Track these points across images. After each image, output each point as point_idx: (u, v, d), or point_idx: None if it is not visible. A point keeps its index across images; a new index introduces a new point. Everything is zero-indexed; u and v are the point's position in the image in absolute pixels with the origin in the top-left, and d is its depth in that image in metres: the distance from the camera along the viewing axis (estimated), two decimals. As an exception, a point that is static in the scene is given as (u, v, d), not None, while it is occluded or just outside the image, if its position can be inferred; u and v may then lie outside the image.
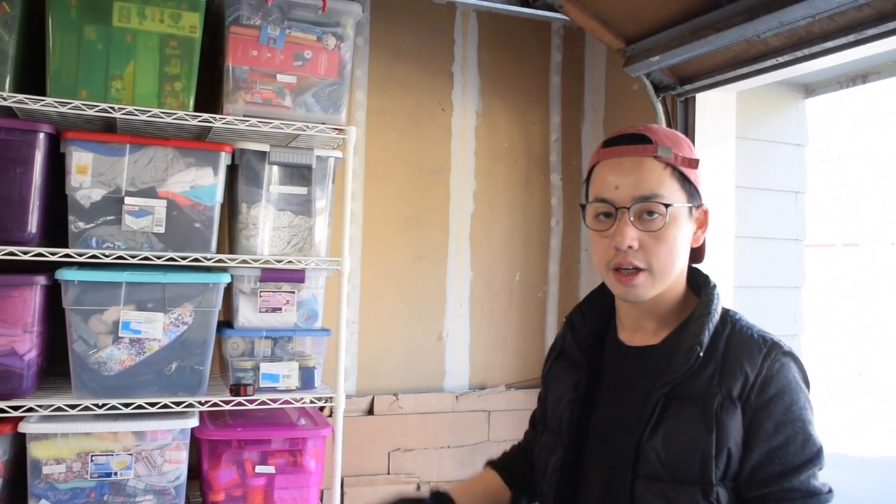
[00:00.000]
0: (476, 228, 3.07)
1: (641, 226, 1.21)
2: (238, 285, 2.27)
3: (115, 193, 2.07)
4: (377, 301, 2.91)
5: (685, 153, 1.25)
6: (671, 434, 1.18)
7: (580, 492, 1.28)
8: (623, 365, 1.31)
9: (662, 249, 1.22)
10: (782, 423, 1.16)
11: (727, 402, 1.17)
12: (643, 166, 1.23)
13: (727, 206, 2.75)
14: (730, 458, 1.15)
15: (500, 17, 3.11)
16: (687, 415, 1.18)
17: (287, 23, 2.18)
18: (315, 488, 2.27)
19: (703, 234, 1.30)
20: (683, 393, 1.20)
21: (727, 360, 1.20)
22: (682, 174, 1.24)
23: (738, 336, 1.23)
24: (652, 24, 2.41)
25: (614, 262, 1.24)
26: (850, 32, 1.95)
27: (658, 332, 1.29)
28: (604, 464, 1.26)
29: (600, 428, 1.28)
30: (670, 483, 1.16)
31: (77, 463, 2.01)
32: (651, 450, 1.18)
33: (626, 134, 1.27)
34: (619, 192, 1.23)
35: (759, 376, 1.18)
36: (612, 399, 1.29)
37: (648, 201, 1.21)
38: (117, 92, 2.06)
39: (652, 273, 1.22)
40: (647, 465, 1.18)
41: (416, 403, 2.90)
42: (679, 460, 1.16)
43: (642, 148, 1.23)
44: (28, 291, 1.98)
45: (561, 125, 3.21)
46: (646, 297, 1.24)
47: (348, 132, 2.28)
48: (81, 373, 2.04)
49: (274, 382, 2.27)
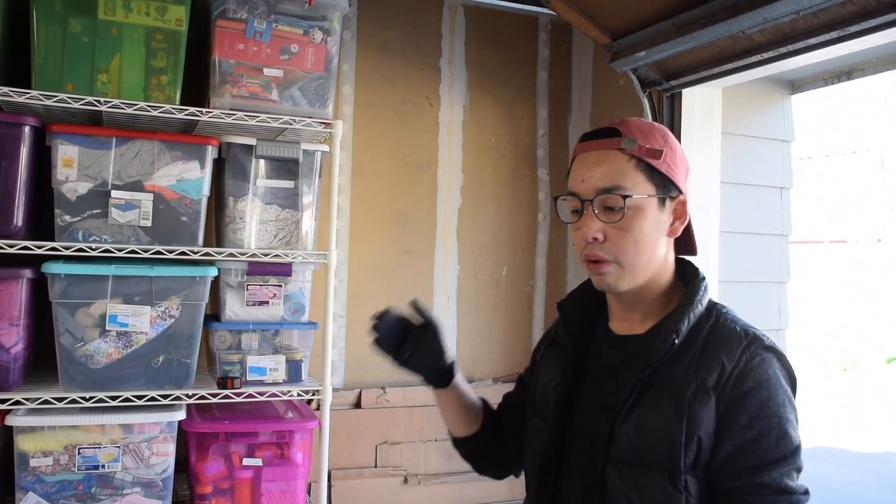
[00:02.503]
0: (463, 223, 3.08)
1: (606, 218, 1.23)
2: (225, 279, 2.27)
3: (102, 187, 2.07)
4: (364, 295, 2.92)
5: (654, 144, 1.25)
6: (643, 419, 1.20)
7: (562, 476, 1.30)
8: (609, 353, 1.33)
9: (627, 240, 1.23)
10: (757, 417, 1.16)
11: (701, 391, 1.17)
12: (607, 159, 1.24)
13: (713, 201, 2.77)
14: (700, 446, 1.16)
15: (487, 11, 3.11)
16: (660, 401, 1.19)
17: (273, 16, 2.18)
18: (302, 481, 2.28)
19: (681, 224, 1.29)
20: (660, 380, 1.21)
21: (706, 350, 1.21)
22: (648, 165, 1.24)
23: (720, 328, 1.24)
24: (638, 20, 2.43)
25: (584, 254, 1.27)
26: (834, 29, 1.97)
27: (644, 321, 1.31)
28: (584, 449, 1.27)
29: (583, 414, 1.30)
30: (640, 468, 1.18)
31: (64, 456, 2.01)
32: (623, 434, 1.20)
33: (600, 128, 1.29)
34: (584, 185, 1.25)
35: (736, 368, 1.18)
36: (596, 386, 1.31)
37: (609, 193, 1.23)
38: (103, 85, 2.06)
39: (620, 264, 1.24)
40: (618, 450, 1.20)
41: (403, 397, 2.91)
42: (649, 446, 1.18)
43: (608, 141, 1.25)
44: (14, 285, 1.98)
45: (548, 120, 3.22)
46: (618, 287, 1.26)
47: (335, 126, 2.28)
48: (68, 366, 2.04)
49: (261, 375, 2.28)
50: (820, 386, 8.92)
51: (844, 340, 11.25)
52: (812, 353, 10.11)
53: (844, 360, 10.67)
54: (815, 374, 9.54)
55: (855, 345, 11.11)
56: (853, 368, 10.51)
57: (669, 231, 1.29)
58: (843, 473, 5.57)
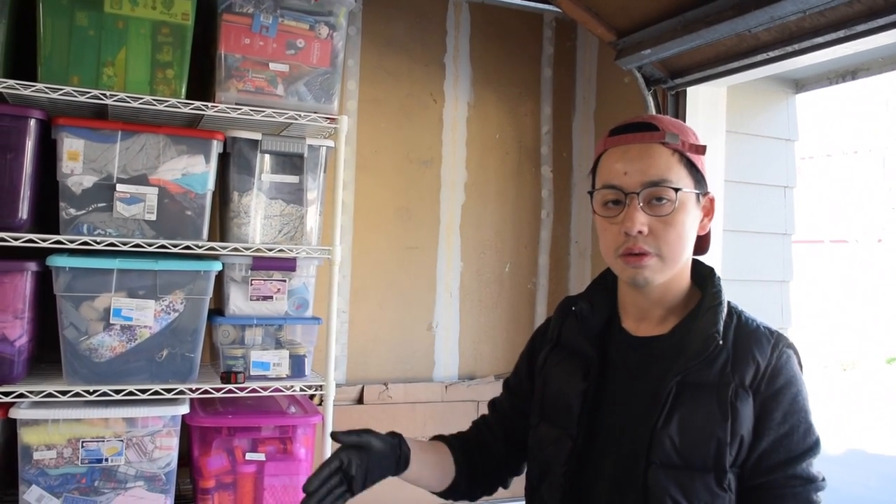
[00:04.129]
0: (466, 219, 3.08)
1: (651, 211, 1.22)
2: (229, 273, 2.27)
3: (107, 180, 2.07)
4: (367, 290, 2.92)
5: (692, 140, 1.26)
6: (686, 421, 1.19)
7: (588, 482, 1.27)
8: (630, 355, 1.31)
9: (672, 234, 1.23)
10: (789, 413, 1.19)
11: (741, 389, 1.19)
12: (651, 152, 1.24)
13: (716, 199, 2.76)
14: (741, 445, 1.18)
15: (492, 8, 3.11)
16: (702, 402, 1.19)
17: (280, 11, 2.18)
18: (305, 476, 2.28)
19: (709, 221, 1.31)
20: (696, 381, 1.21)
21: (738, 349, 1.22)
22: (689, 161, 1.25)
23: (744, 327, 1.26)
24: (644, 18, 2.42)
25: (624, 248, 1.24)
26: (841, 28, 1.97)
27: (664, 321, 1.30)
28: (615, 453, 1.25)
29: (610, 418, 1.28)
30: (684, 470, 1.17)
31: (68, 449, 2.01)
32: (665, 437, 1.19)
33: (632, 122, 1.28)
34: (627, 178, 1.23)
35: (770, 366, 1.21)
36: (621, 389, 1.29)
37: (658, 186, 1.22)
38: (109, 78, 2.06)
39: (662, 258, 1.23)
40: (661, 452, 1.19)
41: (405, 393, 2.91)
42: (694, 447, 1.18)
43: (650, 135, 1.25)
44: (19, 278, 1.98)
45: (552, 117, 3.22)
46: (655, 281, 1.25)
47: (340, 122, 2.28)
48: (72, 359, 2.04)
49: (264, 370, 2.28)
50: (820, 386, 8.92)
51: (844, 340, 11.25)
52: (812, 353, 10.11)
53: (844, 360, 10.68)
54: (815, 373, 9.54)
55: (855, 345, 11.12)
56: (853, 368, 10.52)
57: (699, 227, 1.29)
58: (843, 473, 5.58)
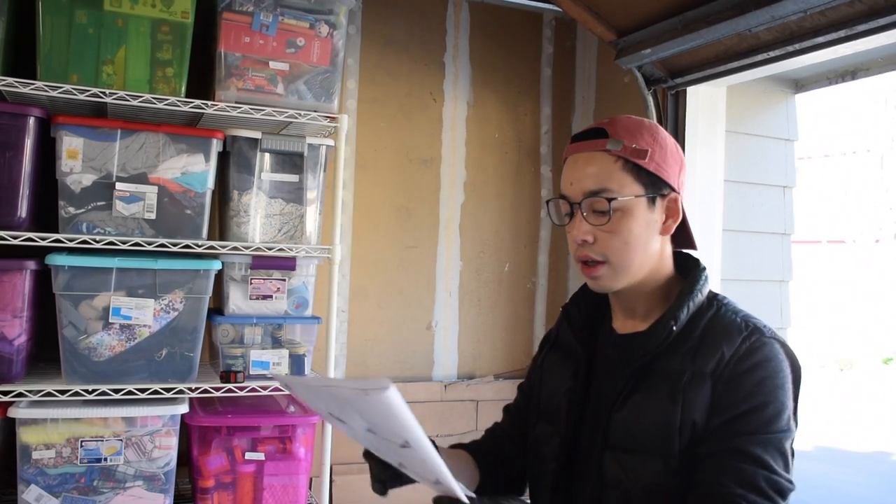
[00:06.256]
0: (466, 219, 3.08)
1: (594, 220, 1.23)
2: (229, 272, 2.27)
3: (106, 179, 2.06)
4: (367, 290, 2.91)
5: (641, 143, 1.23)
6: (638, 405, 1.20)
7: (576, 479, 1.29)
8: (613, 353, 1.32)
9: (617, 242, 1.23)
10: (752, 395, 1.15)
11: (697, 377, 1.18)
12: (593, 161, 1.24)
13: (716, 199, 2.77)
14: (694, 430, 1.16)
15: (491, 7, 3.11)
16: (656, 388, 1.20)
17: (280, 10, 2.18)
18: (304, 475, 2.28)
19: (674, 222, 1.28)
20: (658, 369, 1.22)
21: (705, 339, 1.22)
22: (636, 165, 1.23)
23: (721, 318, 1.24)
24: (644, 17, 2.42)
25: (577, 256, 1.27)
26: (841, 28, 1.97)
27: (647, 318, 1.31)
28: (590, 446, 1.27)
29: (593, 415, 1.29)
30: (635, 453, 1.18)
31: (67, 448, 2.01)
32: (619, 420, 1.21)
33: (588, 129, 1.28)
34: (572, 188, 1.26)
35: (736, 355, 1.18)
36: (603, 386, 1.30)
37: (595, 196, 1.23)
38: (108, 77, 2.05)
39: (612, 265, 1.24)
40: (615, 436, 1.21)
41: (404, 393, 2.87)
42: (644, 430, 1.18)
43: (594, 143, 1.25)
44: (18, 276, 1.97)
45: (552, 117, 3.22)
46: (613, 287, 1.27)
47: (340, 120, 2.28)
48: (71, 358, 2.03)
49: (264, 369, 2.28)
50: (817, 386, 8.94)
51: (842, 340, 11.27)
52: (810, 353, 10.12)
53: (842, 360, 10.70)
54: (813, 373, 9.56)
55: (852, 345, 11.14)
56: (850, 368, 10.54)
57: (662, 229, 1.28)
58: (841, 473, 5.59)
